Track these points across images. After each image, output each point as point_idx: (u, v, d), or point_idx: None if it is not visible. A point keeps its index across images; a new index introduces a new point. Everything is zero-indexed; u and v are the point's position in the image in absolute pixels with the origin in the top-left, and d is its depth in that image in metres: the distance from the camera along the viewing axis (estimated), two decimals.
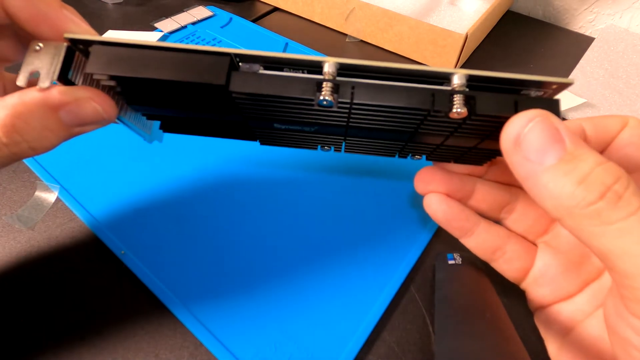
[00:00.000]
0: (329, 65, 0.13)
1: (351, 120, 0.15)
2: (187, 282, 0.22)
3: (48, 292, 0.22)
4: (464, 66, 0.39)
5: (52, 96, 0.14)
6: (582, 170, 0.11)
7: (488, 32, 0.43)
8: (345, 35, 0.42)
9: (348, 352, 0.20)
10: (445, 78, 0.14)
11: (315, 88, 0.13)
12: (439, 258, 0.23)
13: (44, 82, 0.14)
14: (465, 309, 0.20)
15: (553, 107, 0.13)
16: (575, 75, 0.37)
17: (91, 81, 0.15)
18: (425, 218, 0.26)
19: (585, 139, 0.15)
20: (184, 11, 0.44)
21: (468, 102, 0.13)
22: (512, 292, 0.22)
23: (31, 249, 0.24)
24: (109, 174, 0.28)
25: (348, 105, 0.14)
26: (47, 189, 0.27)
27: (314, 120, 0.15)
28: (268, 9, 0.47)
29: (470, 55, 0.40)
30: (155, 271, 0.23)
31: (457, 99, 0.13)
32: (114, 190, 0.27)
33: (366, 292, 0.22)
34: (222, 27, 0.42)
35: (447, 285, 0.21)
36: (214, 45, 0.40)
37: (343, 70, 0.14)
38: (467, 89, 0.13)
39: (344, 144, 0.18)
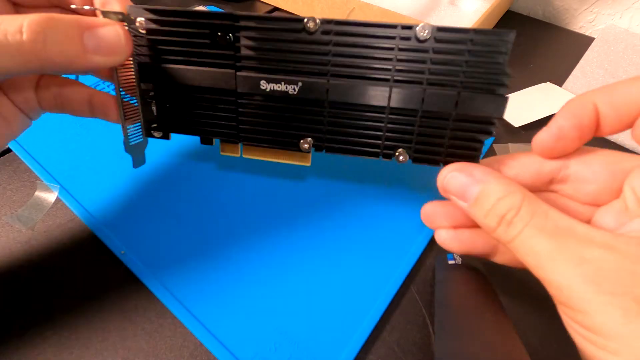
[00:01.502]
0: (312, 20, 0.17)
1: (332, 64, 0.17)
2: (187, 282, 0.22)
3: (47, 293, 0.22)
4: None
5: (84, 18, 0.16)
6: (485, 207, 0.15)
7: None
8: None
9: (348, 352, 0.20)
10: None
11: (302, 24, 0.17)
12: (439, 258, 0.23)
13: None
14: (465, 309, 0.20)
15: (498, 104, 0.16)
16: (575, 75, 0.37)
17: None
18: None
19: (597, 118, 0.15)
20: None
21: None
22: (512, 292, 0.22)
23: (31, 249, 0.24)
24: (109, 174, 0.28)
25: (330, 37, 0.16)
26: (47, 189, 0.27)
27: (300, 56, 0.17)
28: (268, 9, 0.47)
29: None
30: (155, 271, 0.23)
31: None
32: (114, 190, 0.27)
33: (366, 292, 0.22)
34: None
35: (447, 285, 0.21)
36: None
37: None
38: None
39: (324, 140, 0.19)
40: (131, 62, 0.19)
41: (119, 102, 0.20)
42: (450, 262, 0.22)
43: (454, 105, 0.16)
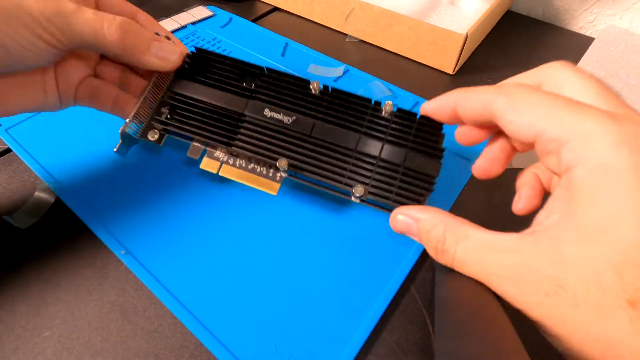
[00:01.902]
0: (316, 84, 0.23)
1: (322, 112, 0.23)
2: (187, 282, 0.22)
3: (47, 293, 0.22)
4: (464, 66, 0.39)
5: (157, 36, 0.22)
6: (424, 240, 0.18)
7: (488, 32, 0.43)
8: (345, 35, 0.43)
9: (348, 352, 0.20)
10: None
11: (308, 86, 0.23)
12: None
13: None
14: (465, 309, 0.20)
15: (435, 165, 0.21)
16: None
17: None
18: None
19: (455, 113, 0.19)
20: (184, 11, 0.44)
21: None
22: None
23: (31, 249, 0.24)
24: (109, 174, 0.28)
25: (324, 96, 0.23)
26: (47, 189, 0.27)
27: (300, 101, 0.23)
28: (268, 8, 0.47)
29: (470, 55, 0.40)
30: (156, 271, 0.23)
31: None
32: (114, 190, 0.27)
33: (366, 292, 0.22)
34: (222, 27, 0.42)
35: (447, 285, 0.21)
36: (213, 44, 0.40)
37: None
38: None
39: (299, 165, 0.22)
40: (167, 80, 0.24)
41: (143, 98, 0.23)
42: None
43: (403, 159, 0.22)
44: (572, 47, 0.41)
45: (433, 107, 0.20)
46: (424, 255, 0.24)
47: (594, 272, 0.13)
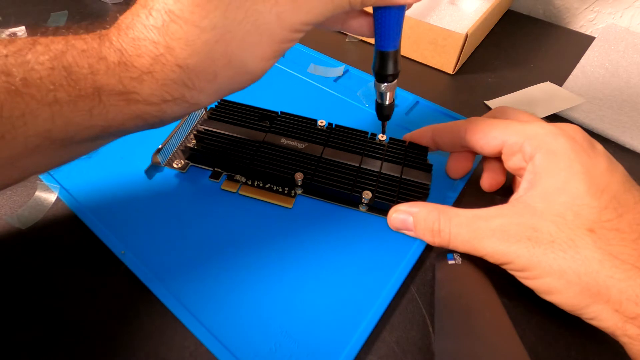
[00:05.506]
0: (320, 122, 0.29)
1: (328, 140, 0.27)
2: (187, 282, 0.22)
3: (47, 293, 0.22)
4: (464, 66, 0.39)
5: None
6: (420, 228, 0.22)
7: (488, 31, 0.43)
8: (346, 35, 0.42)
9: (348, 352, 0.20)
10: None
11: (315, 124, 0.29)
12: (439, 258, 0.23)
13: None
14: (465, 309, 0.20)
15: (426, 176, 0.26)
16: (575, 74, 0.37)
17: None
18: None
19: (433, 140, 0.26)
20: None
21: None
22: (512, 292, 0.22)
23: (31, 249, 0.24)
24: (109, 174, 0.28)
25: (329, 130, 0.28)
26: (47, 189, 0.27)
27: (310, 133, 0.28)
28: None
29: (471, 55, 0.40)
30: (155, 271, 0.23)
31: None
32: (114, 190, 0.27)
33: (366, 292, 0.22)
34: None
35: (447, 285, 0.21)
36: None
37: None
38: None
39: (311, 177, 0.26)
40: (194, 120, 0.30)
41: (172, 133, 0.28)
42: (450, 262, 0.22)
43: (400, 173, 0.25)
44: (572, 46, 0.41)
45: (415, 133, 0.27)
46: (424, 256, 0.24)
47: (559, 215, 0.18)
